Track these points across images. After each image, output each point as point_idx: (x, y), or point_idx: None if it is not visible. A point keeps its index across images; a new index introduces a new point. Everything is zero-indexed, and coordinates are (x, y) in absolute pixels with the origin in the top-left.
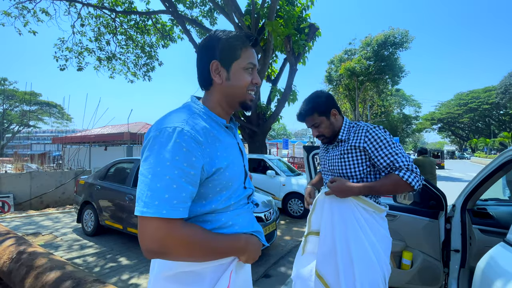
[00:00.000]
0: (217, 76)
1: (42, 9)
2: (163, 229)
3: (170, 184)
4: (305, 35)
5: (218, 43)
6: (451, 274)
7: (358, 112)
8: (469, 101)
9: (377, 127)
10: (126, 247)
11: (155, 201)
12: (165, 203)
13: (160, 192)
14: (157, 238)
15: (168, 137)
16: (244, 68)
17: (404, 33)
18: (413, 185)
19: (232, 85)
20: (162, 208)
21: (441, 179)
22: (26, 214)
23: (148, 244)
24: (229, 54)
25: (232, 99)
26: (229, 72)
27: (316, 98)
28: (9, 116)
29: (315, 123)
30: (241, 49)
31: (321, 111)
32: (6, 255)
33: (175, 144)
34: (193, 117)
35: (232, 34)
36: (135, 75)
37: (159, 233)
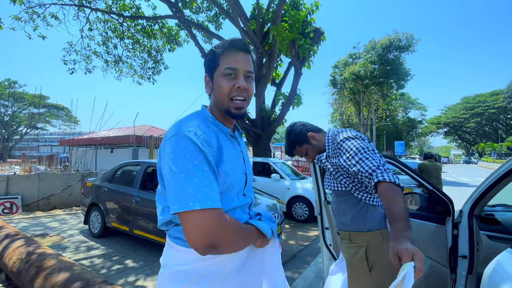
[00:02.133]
0: (207, 87)
1: (51, 14)
2: (214, 219)
3: (204, 179)
4: (310, 40)
5: (206, 58)
6: (458, 281)
7: (363, 116)
8: (475, 105)
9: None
10: (132, 249)
11: (198, 195)
12: (207, 196)
13: (200, 187)
14: (210, 229)
15: (187, 139)
16: (223, 74)
17: (409, 36)
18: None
19: (215, 95)
20: (207, 200)
21: (447, 184)
22: (33, 215)
23: (202, 238)
24: (211, 64)
25: (219, 108)
26: (213, 82)
27: (289, 134)
28: (17, 118)
29: (302, 153)
30: (220, 55)
31: (299, 142)
32: (16, 255)
33: (195, 146)
34: (204, 124)
35: (217, 44)
36: (142, 77)
37: (212, 223)
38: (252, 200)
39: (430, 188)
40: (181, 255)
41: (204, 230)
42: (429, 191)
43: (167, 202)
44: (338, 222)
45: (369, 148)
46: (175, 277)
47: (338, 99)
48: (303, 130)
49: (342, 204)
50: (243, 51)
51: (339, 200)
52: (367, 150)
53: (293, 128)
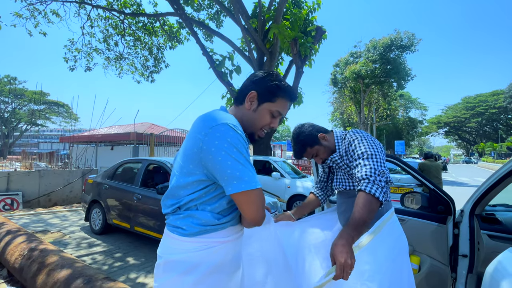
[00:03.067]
0: (249, 103)
1: (52, 11)
2: (262, 196)
3: (249, 165)
4: (312, 38)
5: (267, 83)
6: (459, 280)
7: (363, 115)
8: (476, 105)
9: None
10: (133, 246)
11: (255, 178)
12: (254, 178)
13: (253, 172)
14: (263, 203)
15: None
16: (270, 111)
17: (411, 36)
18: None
19: (254, 116)
20: (256, 182)
21: (447, 183)
22: (34, 211)
23: (262, 211)
24: (268, 95)
25: (247, 126)
26: (258, 107)
27: (299, 136)
28: (17, 115)
29: (313, 154)
30: (279, 97)
31: (310, 143)
32: (18, 252)
33: (242, 138)
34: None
35: (282, 85)
36: (142, 75)
37: (263, 199)
38: None
39: (431, 188)
40: (177, 244)
41: (263, 204)
42: (430, 191)
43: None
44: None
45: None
46: (170, 266)
47: (338, 98)
48: (313, 131)
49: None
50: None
51: (352, 200)
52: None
53: (302, 130)
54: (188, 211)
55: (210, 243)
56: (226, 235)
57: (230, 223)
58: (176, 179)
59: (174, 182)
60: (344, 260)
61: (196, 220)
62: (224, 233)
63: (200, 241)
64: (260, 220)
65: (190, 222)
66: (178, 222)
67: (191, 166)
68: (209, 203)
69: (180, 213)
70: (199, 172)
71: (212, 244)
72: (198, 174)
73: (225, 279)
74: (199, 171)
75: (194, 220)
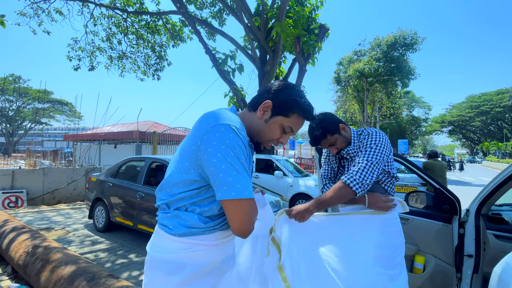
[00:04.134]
0: (261, 112)
1: (56, 9)
2: (255, 207)
3: (247, 174)
4: (315, 36)
5: (285, 95)
6: (464, 280)
7: (366, 114)
8: (481, 104)
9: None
10: (136, 244)
11: (248, 187)
12: (251, 189)
13: (248, 180)
14: (253, 215)
15: (235, 134)
16: (281, 126)
17: (414, 34)
18: (351, 187)
19: (263, 127)
20: (251, 192)
21: (451, 183)
22: (38, 209)
23: (250, 223)
24: (283, 109)
25: (254, 134)
26: (270, 118)
27: (323, 121)
28: (22, 113)
29: (331, 142)
30: (293, 113)
31: (332, 131)
32: (22, 249)
33: (241, 142)
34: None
35: (302, 101)
36: (145, 74)
37: (254, 211)
38: None
39: (436, 187)
40: (164, 242)
41: (252, 217)
42: (435, 190)
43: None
44: None
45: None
46: (155, 264)
47: (342, 96)
48: (335, 120)
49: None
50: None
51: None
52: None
53: (326, 116)
54: (176, 211)
55: (197, 245)
56: (214, 239)
57: (219, 227)
58: (171, 174)
59: (168, 176)
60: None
61: (183, 221)
62: (212, 236)
63: (186, 241)
64: (245, 233)
65: (176, 222)
66: (166, 220)
67: (187, 164)
68: (200, 204)
69: (168, 211)
70: (194, 171)
71: (199, 247)
72: (193, 173)
73: (212, 282)
74: (194, 170)
75: (181, 221)
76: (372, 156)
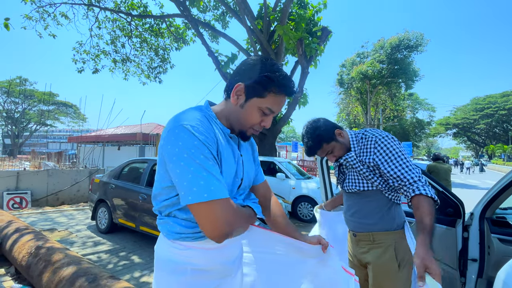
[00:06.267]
0: (235, 97)
1: (62, 13)
2: (225, 209)
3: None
4: (317, 38)
5: (256, 74)
6: (468, 284)
7: (370, 116)
8: (486, 106)
9: (386, 136)
10: (138, 245)
11: (210, 187)
12: (218, 188)
13: (210, 179)
14: (223, 218)
15: (190, 133)
16: (260, 108)
17: (419, 36)
18: (434, 198)
19: (241, 114)
20: (216, 192)
21: (456, 186)
22: (42, 210)
23: (218, 228)
24: (257, 89)
25: (235, 123)
26: (246, 102)
27: (315, 130)
28: (27, 115)
29: (328, 151)
30: (271, 92)
31: (327, 139)
32: (25, 249)
33: (198, 140)
34: (205, 119)
35: (275, 76)
36: (148, 77)
37: (224, 213)
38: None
39: (440, 190)
40: (164, 243)
41: (221, 219)
42: (439, 193)
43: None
44: (359, 223)
45: (406, 155)
46: (159, 264)
47: (345, 98)
48: (329, 127)
49: (369, 205)
50: (288, 96)
51: (365, 201)
52: (406, 156)
53: (319, 124)
54: (166, 217)
55: (190, 248)
56: (207, 242)
57: None
58: (154, 183)
59: (154, 185)
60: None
61: (172, 227)
62: (204, 242)
63: (181, 244)
64: (217, 238)
65: (167, 229)
66: (160, 226)
67: (162, 172)
68: (184, 210)
69: (161, 217)
70: (167, 178)
71: (194, 250)
72: (167, 180)
73: (215, 283)
74: (168, 177)
75: (170, 227)
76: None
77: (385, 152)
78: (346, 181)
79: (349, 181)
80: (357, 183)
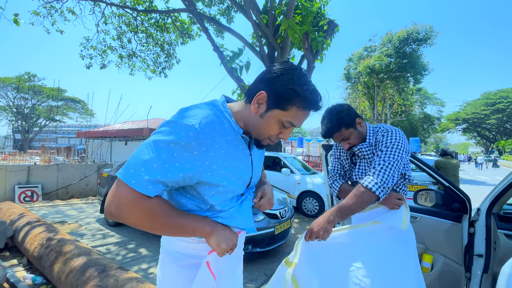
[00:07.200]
0: (256, 105)
1: (68, 9)
2: (127, 196)
3: (152, 162)
4: (324, 32)
5: (281, 84)
6: (473, 280)
7: (377, 111)
8: (497, 101)
9: (395, 131)
10: (145, 238)
11: (131, 169)
12: (138, 176)
13: (143, 165)
14: (119, 202)
15: (175, 128)
16: (280, 121)
17: (428, 28)
18: (373, 191)
19: (259, 123)
20: (132, 178)
21: (465, 182)
22: (52, 203)
23: (113, 207)
24: (279, 101)
25: (252, 130)
26: (266, 112)
27: (339, 113)
28: (37, 110)
29: (344, 137)
30: (294, 106)
31: (347, 124)
32: (37, 241)
33: (177, 136)
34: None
35: (302, 90)
36: (154, 72)
37: (123, 199)
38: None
39: (446, 185)
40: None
41: (120, 201)
42: (445, 188)
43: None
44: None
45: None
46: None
47: (351, 93)
48: (352, 113)
49: None
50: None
51: None
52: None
53: (343, 108)
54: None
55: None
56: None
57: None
58: None
59: None
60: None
61: None
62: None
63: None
64: (107, 214)
65: None
66: None
67: None
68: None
69: None
70: None
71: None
72: None
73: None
74: None
75: None
76: (390, 156)
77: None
78: (355, 171)
79: (359, 170)
80: (367, 173)
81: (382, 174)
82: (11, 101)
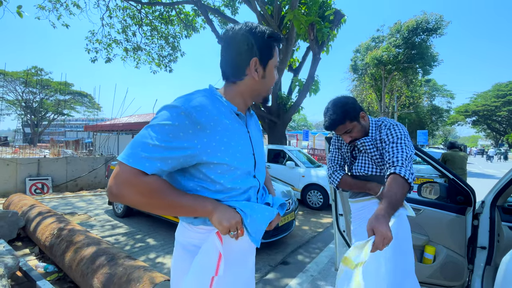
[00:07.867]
0: (255, 73)
1: (73, 3)
2: (125, 174)
3: (147, 143)
4: (330, 23)
5: (258, 41)
6: (476, 271)
7: (384, 103)
8: (508, 93)
9: (399, 125)
10: (153, 229)
11: (129, 150)
12: (135, 154)
13: (140, 147)
14: (117, 181)
15: (166, 111)
16: (275, 66)
17: (438, 18)
18: (410, 181)
19: (265, 83)
20: (130, 158)
21: (473, 175)
22: (62, 195)
23: (114, 186)
24: (266, 53)
25: (258, 94)
26: (265, 70)
27: (344, 105)
28: (45, 104)
29: (348, 130)
30: (274, 47)
31: (352, 117)
32: (48, 231)
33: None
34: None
35: (268, 32)
36: (159, 66)
37: (121, 177)
38: (259, 185)
39: (450, 177)
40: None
41: (120, 180)
42: (450, 180)
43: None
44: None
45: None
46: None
47: (358, 85)
48: (357, 107)
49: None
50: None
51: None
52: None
53: (348, 100)
54: None
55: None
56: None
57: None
58: None
59: None
60: (385, 231)
61: None
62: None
63: (203, 228)
64: (109, 195)
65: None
66: None
67: None
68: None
69: None
70: None
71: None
72: None
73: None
74: None
75: None
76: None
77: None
78: (355, 165)
79: (359, 164)
80: (366, 167)
81: (408, 164)
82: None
